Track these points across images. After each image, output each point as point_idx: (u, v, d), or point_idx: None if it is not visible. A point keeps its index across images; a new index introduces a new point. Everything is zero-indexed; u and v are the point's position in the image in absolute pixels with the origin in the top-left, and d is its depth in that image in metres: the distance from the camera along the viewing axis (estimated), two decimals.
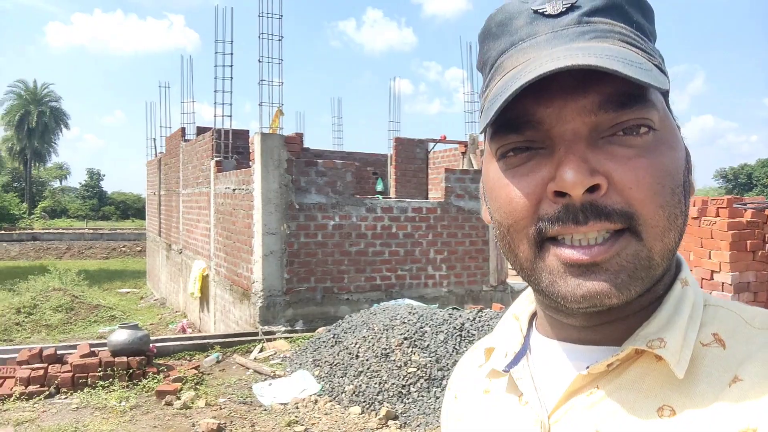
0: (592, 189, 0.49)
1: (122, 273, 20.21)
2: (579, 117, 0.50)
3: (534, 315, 0.66)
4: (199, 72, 43.02)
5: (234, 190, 8.17)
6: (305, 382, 5.44)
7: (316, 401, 5.03)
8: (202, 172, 10.02)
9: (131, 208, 50.31)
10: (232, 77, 9.01)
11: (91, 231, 29.40)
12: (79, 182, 54.13)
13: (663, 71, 0.54)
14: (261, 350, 6.72)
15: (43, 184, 53.00)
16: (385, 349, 5.39)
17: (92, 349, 5.58)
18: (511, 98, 0.49)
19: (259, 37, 7.74)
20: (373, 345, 5.53)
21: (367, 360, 5.36)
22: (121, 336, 5.55)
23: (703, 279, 5.82)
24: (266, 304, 7.29)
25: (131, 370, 5.43)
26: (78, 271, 14.62)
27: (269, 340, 6.94)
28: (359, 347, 5.60)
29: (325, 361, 5.68)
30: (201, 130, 11.72)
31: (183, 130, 11.91)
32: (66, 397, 5.12)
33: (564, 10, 0.53)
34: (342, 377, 5.30)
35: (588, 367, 0.54)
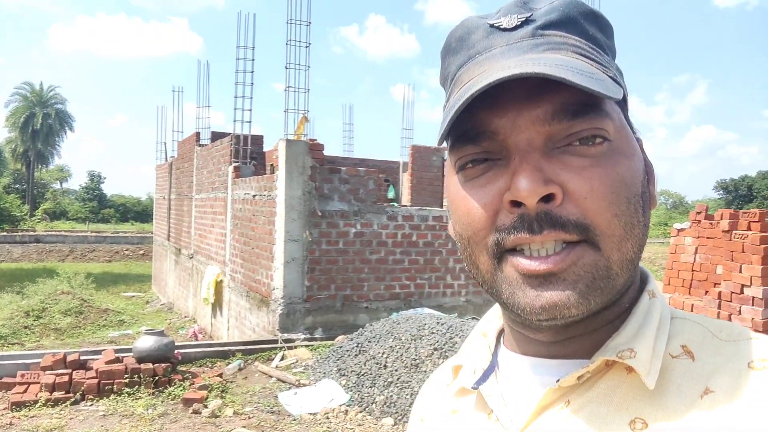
0: (548, 199, 0.50)
1: (126, 276, 20.13)
2: (533, 126, 0.51)
3: (502, 332, 0.66)
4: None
5: (254, 196, 8.12)
6: (333, 391, 5.37)
7: (346, 411, 4.96)
8: (218, 177, 9.97)
9: (131, 211, 50.27)
10: (252, 83, 8.98)
11: (94, 234, 29.29)
12: (80, 185, 54.08)
13: (618, 83, 0.54)
14: (282, 358, 6.65)
15: (44, 186, 52.89)
16: (415, 360, 5.33)
17: (117, 355, 5.51)
18: (463, 108, 0.50)
19: (286, 44, 7.73)
20: (402, 355, 5.47)
21: (396, 370, 5.29)
22: (147, 342, 5.48)
23: (732, 293, 5.78)
24: (286, 311, 7.23)
25: (157, 377, 5.36)
26: (85, 274, 14.55)
27: (289, 348, 6.87)
28: (387, 357, 5.53)
29: (352, 371, 5.61)
30: (216, 136, 11.69)
31: (198, 134, 11.88)
32: (92, 404, 5.05)
33: (519, 24, 0.54)
34: (371, 387, 5.23)
35: (558, 381, 0.53)
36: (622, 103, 0.56)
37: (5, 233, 27.35)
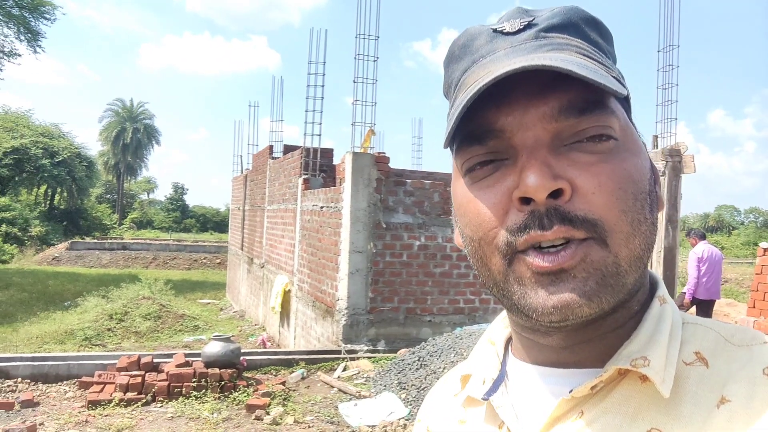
0: (556, 195, 0.50)
1: (203, 284, 20.93)
2: (540, 123, 0.51)
3: (510, 339, 0.65)
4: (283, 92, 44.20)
5: (321, 207, 8.27)
6: (392, 404, 5.35)
7: (404, 426, 4.92)
8: (289, 189, 10.23)
9: (210, 222, 52.31)
10: (323, 97, 9.18)
11: (175, 242, 30.72)
12: (165, 195, 56.96)
13: (621, 83, 0.54)
14: (344, 369, 6.69)
15: (132, 196, 56.11)
16: None
17: (187, 359, 5.72)
18: (472, 104, 0.50)
19: (355, 58, 7.86)
20: None
21: None
22: (214, 348, 5.66)
23: None
24: (350, 322, 7.28)
25: (223, 382, 5.52)
26: (165, 280, 15.25)
27: (352, 359, 6.92)
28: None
29: (412, 385, 5.57)
30: (288, 149, 12.01)
31: (271, 147, 12.25)
32: (162, 406, 5.26)
33: (522, 27, 0.55)
34: None
35: (571, 391, 0.52)
36: (626, 105, 0.57)
37: (95, 240, 29.18)
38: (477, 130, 0.53)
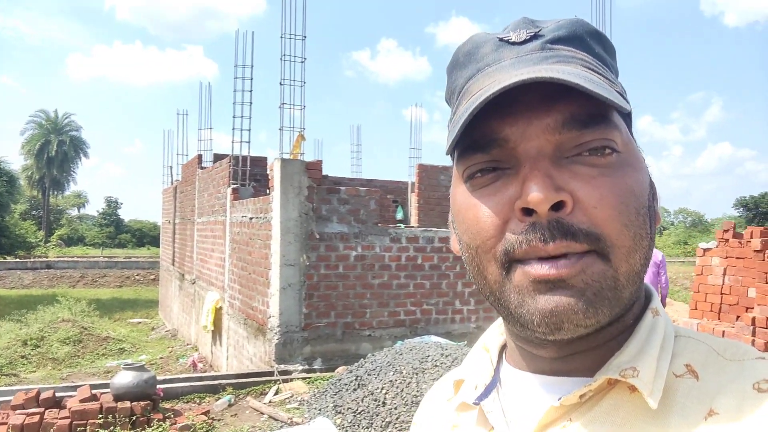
0: (558, 207, 0.49)
1: (135, 302, 19.83)
2: (543, 135, 0.51)
3: (504, 346, 0.65)
4: (217, 100, 43.22)
5: (251, 218, 7.74)
6: (326, 431, 4.89)
7: None
8: (218, 200, 9.63)
9: (147, 236, 50.32)
10: (251, 102, 8.67)
11: (106, 259, 29.18)
12: (97, 210, 54.40)
13: (624, 98, 0.54)
14: (277, 392, 6.18)
15: (60, 212, 53.28)
16: (416, 396, 4.84)
17: (93, 392, 5.08)
18: (476, 113, 0.50)
19: (281, 59, 7.40)
20: (402, 391, 4.98)
21: (395, 408, 4.81)
22: (125, 378, 5.05)
23: None
24: (283, 340, 6.78)
25: (135, 417, 4.92)
26: (89, 300, 14.26)
27: (285, 381, 6.41)
28: (386, 393, 5.05)
29: (348, 408, 5.13)
30: (218, 158, 11.40)
31: (200, 157, 11.59)
32: None
33: (528, 38, 0.55)
34: (367, 428, 4.74)
35: (560, 399, 0.52)
36: (628, 119, 0.56)
37: (17, 260, 27.33)
38: (481, 139, 0.52)
